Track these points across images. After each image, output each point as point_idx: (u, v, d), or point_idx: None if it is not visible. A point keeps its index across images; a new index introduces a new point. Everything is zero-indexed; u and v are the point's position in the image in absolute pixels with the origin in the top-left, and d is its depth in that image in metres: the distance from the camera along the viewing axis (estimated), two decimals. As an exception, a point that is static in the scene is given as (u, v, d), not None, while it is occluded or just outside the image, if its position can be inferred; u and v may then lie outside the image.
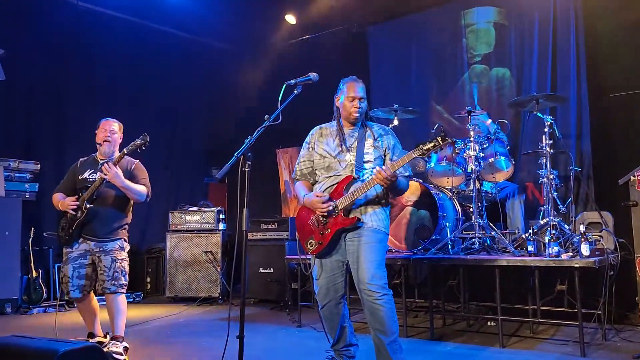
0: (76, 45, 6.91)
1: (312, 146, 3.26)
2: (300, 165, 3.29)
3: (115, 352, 3.54)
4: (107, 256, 3.70)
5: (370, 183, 2.93)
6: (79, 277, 3.72)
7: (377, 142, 3.13)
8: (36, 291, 5.90)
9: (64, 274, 3.76)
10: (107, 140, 3.86)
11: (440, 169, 4.83)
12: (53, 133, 6.78)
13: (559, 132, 4.59)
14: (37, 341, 2.52)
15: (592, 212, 4.59)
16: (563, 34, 5.40)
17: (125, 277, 3.76)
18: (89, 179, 3.80)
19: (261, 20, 7.39)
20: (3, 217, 5.67)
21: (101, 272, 3.70)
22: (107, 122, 3.94)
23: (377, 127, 3.23)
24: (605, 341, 3.93)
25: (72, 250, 3.75)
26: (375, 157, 3.11)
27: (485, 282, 4.37)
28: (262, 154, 7.33)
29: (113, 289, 3.67)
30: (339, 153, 3.13)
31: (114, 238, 3.76)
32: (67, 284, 3.73)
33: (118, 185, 3.68)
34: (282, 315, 5.38)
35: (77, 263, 3.73)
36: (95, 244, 3.72)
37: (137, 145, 3.70)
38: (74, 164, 4.00)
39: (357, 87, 3.14)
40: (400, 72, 6.57)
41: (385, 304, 2.90)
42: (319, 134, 3.28)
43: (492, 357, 3.63)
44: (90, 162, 3.93)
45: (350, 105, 3.12)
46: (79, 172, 3.88)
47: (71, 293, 3.72)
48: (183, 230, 6.55)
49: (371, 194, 3.04)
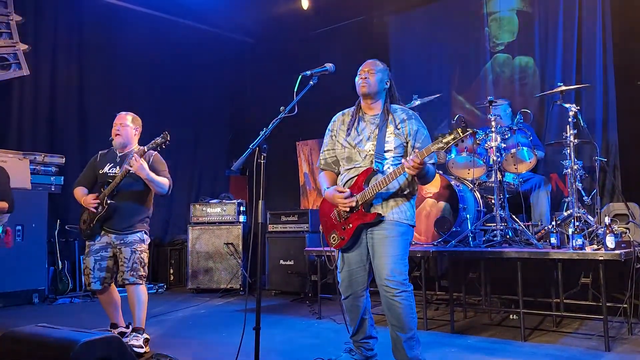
0: (98, 40, 7.00)
1: (334, 134, 3.19)
2: (324, 154, 3.23)
3: (136, 346, 3.57)
4: (127, 248, 3.74)
5: (392, 175, 2.85)
6: (99, 269, 3.77)
7: (398, 129, 3.00)
8: (62, 282, 6.04)
9: (85, 265, 3.83)
10: (118, 134, 3.87)
11: (461, 161, 4.76)
12: (77, 127, 6.89)
13: (584, 121, 4.47)
14: (59, 331, 2.58)
15: (618, 204, 4.47)
16: (589, 19, 5.24)
17: (144, 268, 3.79)
18: (109, 173, 3.83)
19: (281, 12, 7.35)
20: (29, 210, 5.79)
21: (121, 263, 3.74)
22: (118, 116, 3.94)
23: (401, 111, 3.08)
24: (631, 335, 3.83)
25: (94, 242, 3.81)
26: (396, 145, 2.98)
27: (507, 275, 4.30)
28: (282, 146, 7.33)
29: (132, 280, 3.71)
30: (359, 142, 3.04)
31: (134, 231, 3.79)
32: (88, 276, 3.79)
33: (143, 177, 3.68)
34: (302, 307, 5.40)
35: (99, 255, 3.78)
36: (116, 237, 3.76)
37: (158, 143, 3.69)
38: (93, 156, 4.03)
39: (368, 62, 3.09)
40: (422, 62, 6.48)
41: (403, 301, 2.85)
42: (340, 120, 3.20)
43: (513, 351, 3.58)
44: (110, 155, 3.95)
45: (358, 79, 3.06)
46: (99, 166, 3.91)
47: (92, 285, 3.78)
48: (204, 222, 6.61)
49: (393, 186, 2.96)
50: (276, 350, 3.67)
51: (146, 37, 7.22)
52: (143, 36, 7.19)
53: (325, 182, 3.18)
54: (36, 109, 6.56)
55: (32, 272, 5.77)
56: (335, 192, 3.00)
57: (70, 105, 6.84)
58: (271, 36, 7.90)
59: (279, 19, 7.41)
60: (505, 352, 3.54)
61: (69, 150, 6.65)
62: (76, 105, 6.89)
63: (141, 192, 3.83)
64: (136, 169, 3.63)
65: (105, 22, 6.98)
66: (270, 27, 7.68)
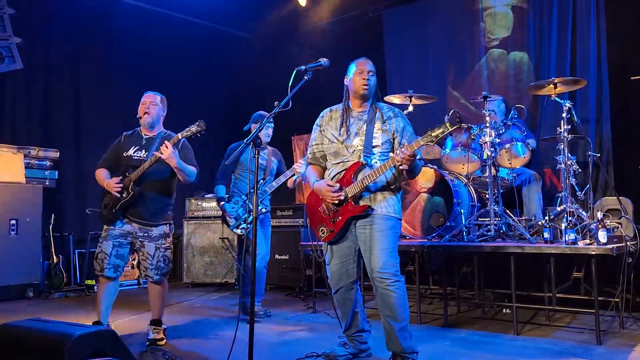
0: (92, 33, 6.97)
1: (322, 129, 3.23)
2: (312, 149, 3.27)
3: (158, 339, 3.62)
4: (151, 243, 3.61)
5: (381, 169, 2.91)
6: (117, 256, 3.59)
7: (386, 125, 3.07)
8: (57, 276, 6.03)
9: (101, 250, 3.59)
10: (147, 112, 3.71)
11: (455, 155, 4.77)
12: (71, 121, 6.87)
13: (577, 116, 4.48)
14: (54, 325, 2.58)
15: (611, 199, 4.49)
16: (583, 15, 5.24)
17: (169, 265, 3.68)
18: (134, 157, 3.66)
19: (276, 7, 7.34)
20: (24, 204, 5.79)
21: (144, 258, 3.62)
22: (147, 95, 3.79)
23: (387, 108, 3.16)
24: (623, 329, 3.86)
25: (114, 227, 3.61)
26: (383, 141, 3.05)
27: (500, 269, 4.33)
28: (277, 140, 7.32)
29: (157, 279, 3.63)
30: (346, 138, 3.09)
31: (159, 223, 3.65)
32: (103, 261, 3.56)
33: (173, 165, 3.52)
34: (296, 301, 5.42)
35: (117, 241, 3.60)
36: (140, 228, 3.61)
37: (193, 132, 3.52)
38: (117, 138, 3.83)
39: (367, 62, 3.12)
40: (417, 57, 6.47)
41: (397, 290, 2.91)
42: (329, 116, 3.24)
43: (506, 344, 3.61)
44: (135, 137, 3.77)
45: (359, 79, 3.07)
46: (124, 148, 3.72)
47: (106, 271, 3.56)
48: (200, 217, 6.61)
49: (381, 180, 3.01)
50: (270, 344, 3.69)
51: (141, 31, 7.18)
52: (138, 30, 7.16)
53: (313, 176, 3.22)
54: (30, 103, 6.54)
55: (26, 266, 5.76)
56: (325, 185, 3.03)
57: (64, 99, 6.81)
58: (266, 31, 7.87)
59: (274, 14, 7.40)
60: (498, 346, 3.56)
61: (64, 144, 6.63)
62: (71, 99, 6.87)
63: (167, 179, 3.69)
64: (167, 156, 3.45)
65: (99, 16, 6.94)
66: (266, 22, 7.66)
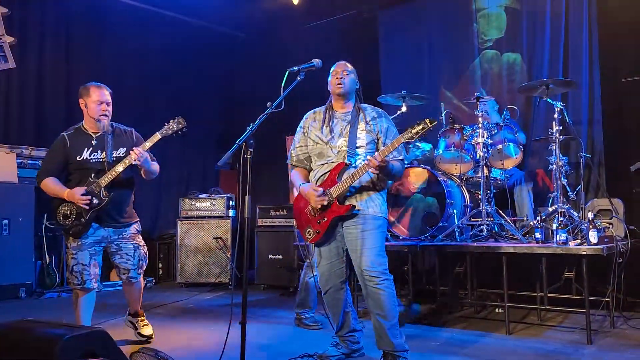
0: (86, 32, 6.94)
1: (306, 131, 3.25)
2: (296, 151, 3.29)
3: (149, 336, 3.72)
4: (129, 244, 3.58)
5: (362, 169, 2.93)
6: (95, 266, 3.48)
7: (370, 126, 3.10)
8: (50, 276, 6.01)
9: (77, 262, 3.41)
10: (106, 115, 3.50)
11: (448, 156, 4.79)
12: (64, 120, 6.81)
13: (569, 118, 4.52)
14: (45, 326, 2.57)
15: (602, 199, 4.53)
16: (575, 16, 5.28)
17: (146, 261, 3.72)
18: (92, 160, 3.46)
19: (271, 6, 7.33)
20: (16, 204, 5.75)
21: (123, 260, 3.57)
22: (100, 90, 3.49)
23: (371, 109, 3.20)
24: (613, 329, 3.90)
25: (87, 236, 3.44)
26: (367, 141, 3.08)
27: (493, 269, 4.35)
28: (270, 141, 7.32)
29: (139, 277, 3.66)
30: (330, 139, 3.12)
31: (130, 222, 3.62)
32: (82, 273, 3.41)
33: (145, 169, 3.48)
34: (290, 301, 5.41)
35: (93, 249, 3.48)
36: (114, 231, 3.53)
37: (173, 130, 3.45)
38: (57, 141, 3.55)
39: (343, 63, 3.18)
40: (411, 58, 6.49)
41: (386, 289, 2.95)
42: (312, 118, 3.27)
43: (497, 343, 3.63)
44: (82, 137, 3.53)
45: (334, 79, 3.14)
46: (73, 152, 3.48)
47: (87, 283, 3.41)
48: (194, 216, 6.60)
49: (365, 180, 3.04)
50: (263, 345, 3.69)
51: (134, 30, 7.15)
52: (131, 29, 7.13)
53: (298, 179, 3.24)
54: (23, 102, 6.50)
55: (19, 266, 5.73)
56: (311, 189, 3.05)
57: (57, 98, 6.77)
58: (261, 30, 7.87)
59: (269, 13, 7.38)
60: (490, 345, 3.59)
61: (56, 144, 6.58)
62: (63, 99, 6.81)
63: (131, 178, 3.64)
64: (142, 162, 3.39)
65: (93, 15, 6.91)
66: (261, 21, 7.65)
